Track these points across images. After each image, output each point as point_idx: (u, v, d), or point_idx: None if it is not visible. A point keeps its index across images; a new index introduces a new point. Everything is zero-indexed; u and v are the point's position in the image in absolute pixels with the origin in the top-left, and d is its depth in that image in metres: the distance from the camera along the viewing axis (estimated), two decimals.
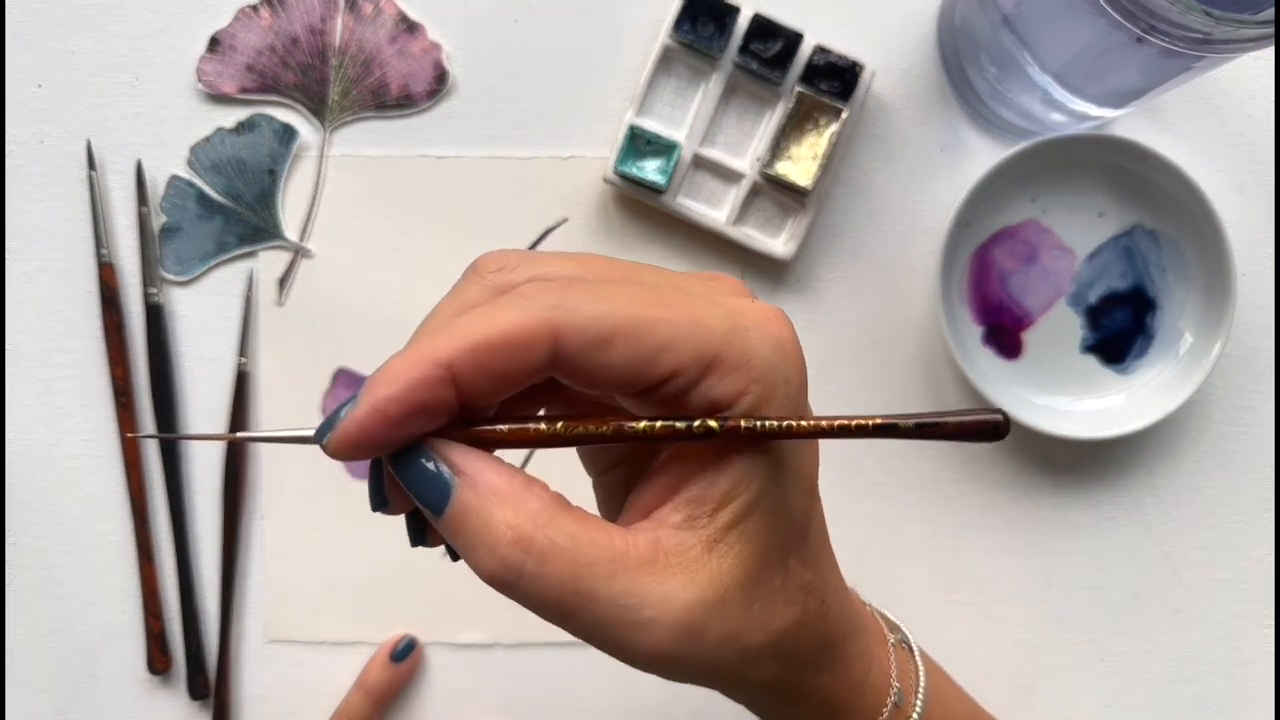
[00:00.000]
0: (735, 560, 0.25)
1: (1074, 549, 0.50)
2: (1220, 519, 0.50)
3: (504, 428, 0.25)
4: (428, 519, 0.25)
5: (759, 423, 0.24)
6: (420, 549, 0.28)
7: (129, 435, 0.48)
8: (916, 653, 0.34)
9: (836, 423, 0.25)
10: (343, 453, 0.23)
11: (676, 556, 0.25)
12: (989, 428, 0.25)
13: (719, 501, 0.25)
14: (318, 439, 0.24)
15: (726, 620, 0.25)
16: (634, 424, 0.25)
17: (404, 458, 0.24)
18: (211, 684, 0.49)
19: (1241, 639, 0.50)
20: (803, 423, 0.25)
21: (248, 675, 0.50)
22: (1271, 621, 0.50)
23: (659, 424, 0.25)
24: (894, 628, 0.34)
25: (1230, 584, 0.50)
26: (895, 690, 0.31)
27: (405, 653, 0.49)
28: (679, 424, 0.24)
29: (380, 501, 0.27)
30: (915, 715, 0.31)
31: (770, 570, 0.26)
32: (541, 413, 0.29)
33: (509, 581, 0.24)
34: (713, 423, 0.24)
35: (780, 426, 0.25)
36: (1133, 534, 0.50)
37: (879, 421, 0.25)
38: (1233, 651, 0.50)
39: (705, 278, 0.27)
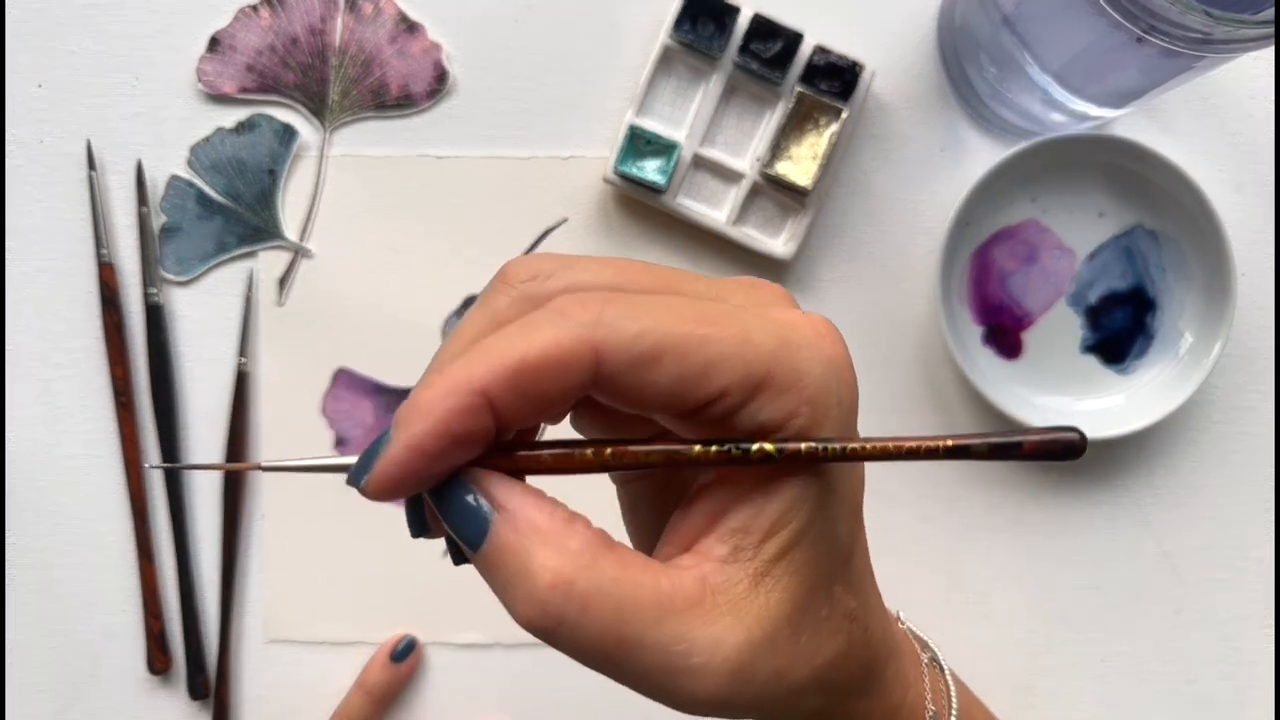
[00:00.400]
0: (783, 594, 0.24)
1: (1074, 549, 0.50)
2: (1220, 519, 0.50)
3: (548, 454, 0.24)
4: (470, 557, 0.24)
5: (822, 446, 0.23)
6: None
7: (150, 466, 0.48)
8: (947, 672, 0.33)
9: (906, 445, 0.24)
10: (382, 495, 0.22)
11: (724, 594, 0.23)
12: (1067, 446, 0.24)
13: (766, 532, 0.24)
14: (354, 482, 0.23)
15: (775, 658, 0.24)
16: (686, 449, 0.23)
17: (442, 490, 0.23)
18: (211, 684, 0.49)
19: (1242, 639, 0.50)
20: (866, 445, 0.23)
21: (248, 675, 0.50)
22: (1272, 622, 0.50)
23: (714, 449, 0.23)
24: (925, 646, 0.33)
25: (1230, 584, 0.50)
26: (931, 713, 0.30)
27: (405, 653, 0.49)
28: (734, 449, 0.23)
29: (420, 529, 0.26)
30: None
31: (817, 600, 0.25)
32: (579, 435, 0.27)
33: (549, 629, 0.22)
34: (770, 447, 0.23)
35: (842, 450, 0.23)
36: (1133, 534, 0.50)
37: (950, 444, 0.24)
38: (1233, 651, 0.50)
39: (746, 284, 0.25)
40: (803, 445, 0.23)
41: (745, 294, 0.25)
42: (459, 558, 0.26)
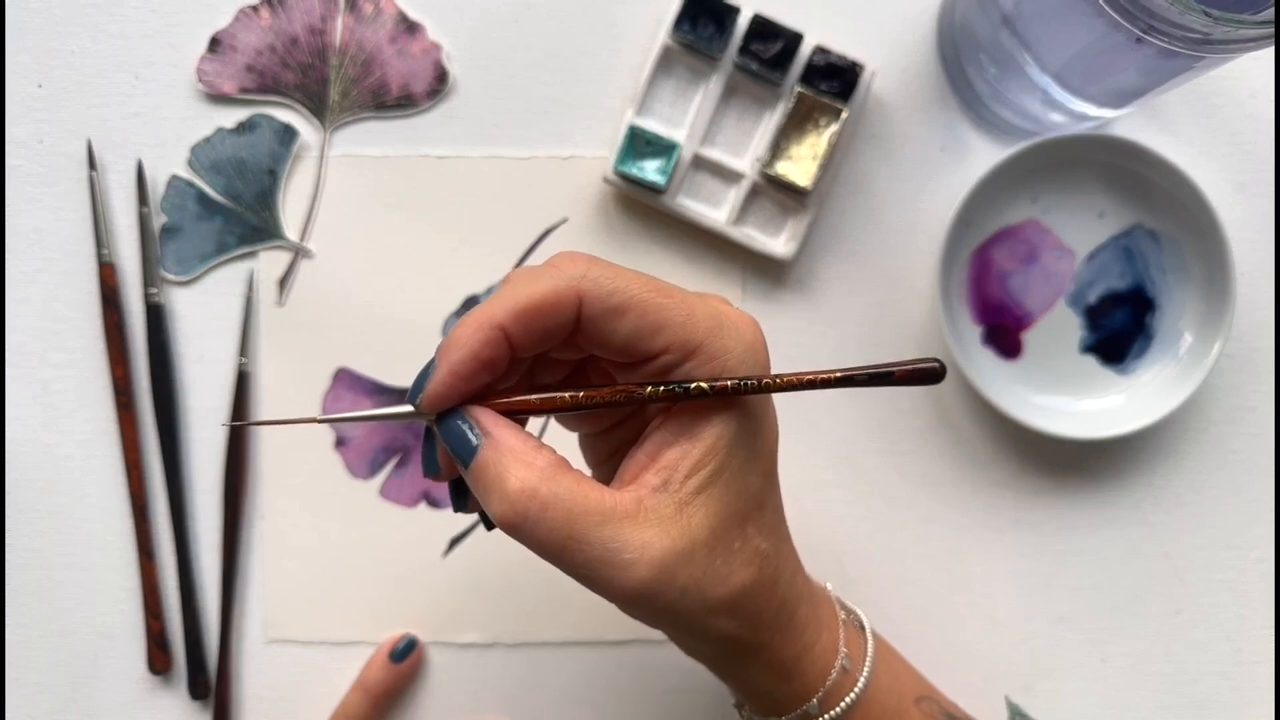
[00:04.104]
0: (701, 519, 0.30)
1: (1074, 549, 0.50)
2: (1220, 519, 0.50)
3: (535, 398, 0.31)
4: (462, 472, 0.30)
5: (744, 381, 0.30)
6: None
7: (223, 424, 0.49)
8: (868, 630, 0.37)
9: (804, 377, 0.31)
10: (432, 407, 0.30)
11: (654, 513, 0.30)
12: (929, 373, 0.31)
13: (690, 470, 0.30)
14: (410, 400, 0.30)
15: (693, 569, 0.30)
16: (640, 388, 0.30)
17: (447, 420, 0.30)
18: (212, 684, 0.49)
19: (1242, 639, 0.50)
20: (777, 379, 0.30)
21: (248, 675, 0.50)
22: (1272, 621, 0.50)
23: (661, 389, 0.30)
24: (849, 611, 0.38)
25: (1230, 584, 0.50)
26: (843, 655, 0.35)
27: (405, 652, 0.49)
28: (677, 388, 0.30)
29: (433, 468, 0.32)
30: (862, 680, 0.35)
31: (730, 533, 0.31)
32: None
33: (515, 524, 0.29)
34: (704, 385, 0.30)
35: (759, 383, 0.30)
36: (1133, 534, 0.50)
37: (839, 375, 0.31)
38: (1233, 652, 0.50)
39: (699, 291, 0.32)
40: (729, 381, 0.30)
41: (696, 292, 0.32)
42: (460, 503, 0.33)
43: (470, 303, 0.49)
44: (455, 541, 0.49)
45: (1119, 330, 0.49)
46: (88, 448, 0.50)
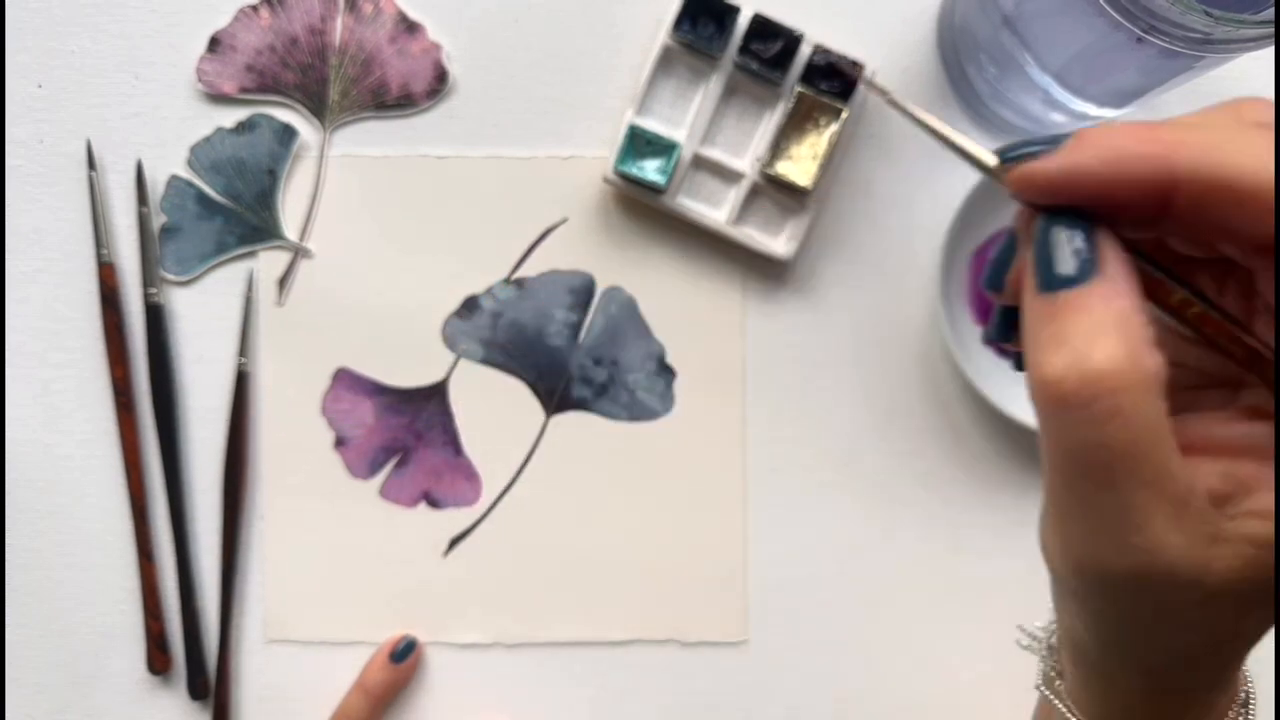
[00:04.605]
0: (1223, 567, 0.22)
1: None
2: None
3: (1181, 292, 0.22)
4: (1026, 295, 0.22)
5: None
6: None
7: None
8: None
9: None
10: (1041, 187, 0.22)
11: (1197, 516, 0.21)
12: None
13: (1253, 513, 0.22)
14: (1006, 157, 0.22)
15: (1180, 596, 0.22)
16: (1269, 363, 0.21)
17: (1058, 219, 0.22)
18: (211, 684, 0.49)
19: None
20: None
21: (247, 675, 0.50)
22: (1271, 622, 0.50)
23: None
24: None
25: None
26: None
27: (405, 653, 0.49)
28: None
29: (996, 278, 0.24)
30: None
31: (1241, 595, 0.22)
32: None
33: (1061, 405, 0.21)
34: None
35: None
36: None
37: None
38: None
39: None
40: None
41: None
42: (1002, 332, 0.25)
43: (471, 303, 0.49)
44: (455, 542, 0.49)
45: None
46: (87, 448, 0.50)
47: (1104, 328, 0.20)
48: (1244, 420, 0.23)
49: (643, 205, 0.49)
